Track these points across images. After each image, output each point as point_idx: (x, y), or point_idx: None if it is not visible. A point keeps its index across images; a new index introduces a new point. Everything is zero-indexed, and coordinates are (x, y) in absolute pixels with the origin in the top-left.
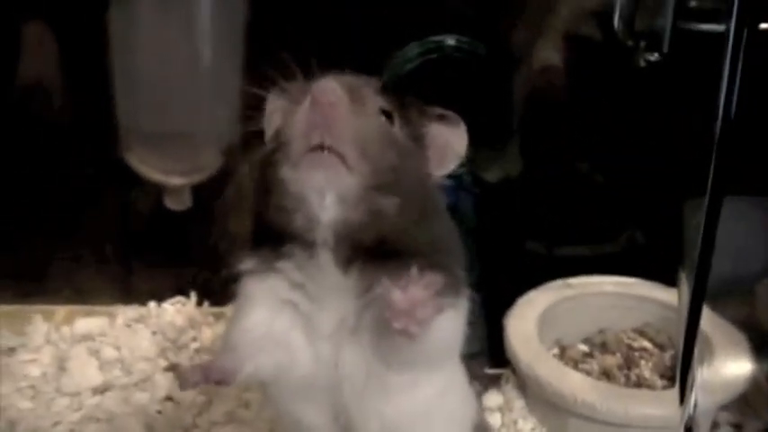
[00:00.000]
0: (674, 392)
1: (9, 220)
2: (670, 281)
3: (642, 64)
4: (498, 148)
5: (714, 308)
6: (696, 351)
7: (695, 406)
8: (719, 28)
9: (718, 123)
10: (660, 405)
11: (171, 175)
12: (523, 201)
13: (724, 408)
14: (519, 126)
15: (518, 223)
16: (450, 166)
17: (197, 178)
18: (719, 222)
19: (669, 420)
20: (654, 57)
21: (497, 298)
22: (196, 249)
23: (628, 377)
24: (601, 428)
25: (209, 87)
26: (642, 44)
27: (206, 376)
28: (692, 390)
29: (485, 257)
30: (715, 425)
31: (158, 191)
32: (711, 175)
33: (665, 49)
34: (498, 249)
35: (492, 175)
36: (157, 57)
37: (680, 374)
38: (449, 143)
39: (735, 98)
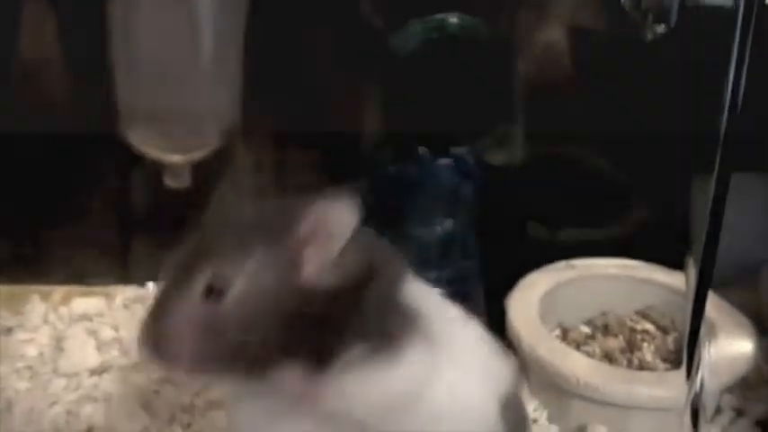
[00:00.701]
0: (677, 374)
1: (6, 199)
2: (674, 264)
3: (650, 37)
4: (501, 130)
5: (718, 291)
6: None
7: (702, 386)
8: (728, 2)
9: (726, 101)
10: (663, 386)
11: (170, 153)
12: (526, 183)
13: (727, 391)
14: (522, 107)
15: (521, 206)
16: (337, 244)
17: (197, 156)
18: (727, 203)
19: (672, 402)
20: (661, 28)
21: (500, 280)
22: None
23: (630, 360)
24: (603, 410)
25: (211, 66)
26: (650, 18)
27: None
28: (698, 370)
29: (487, 240)
30: (718, 409)
31: (157, 171)
32: (719, 157)
33: (672, 23)
34: (501, 232)
35: (495, 158)
36: (158, 36)
37: (686, 354)
38: (325, 225)
39: (744, 73)
